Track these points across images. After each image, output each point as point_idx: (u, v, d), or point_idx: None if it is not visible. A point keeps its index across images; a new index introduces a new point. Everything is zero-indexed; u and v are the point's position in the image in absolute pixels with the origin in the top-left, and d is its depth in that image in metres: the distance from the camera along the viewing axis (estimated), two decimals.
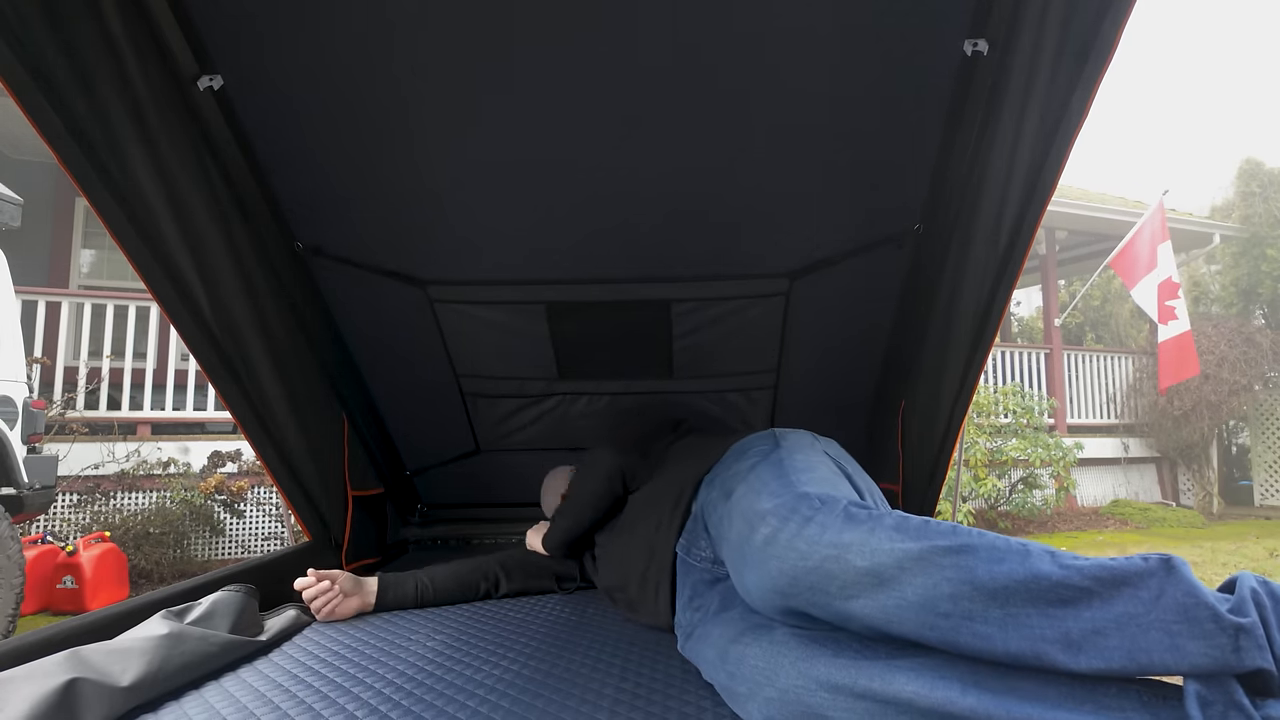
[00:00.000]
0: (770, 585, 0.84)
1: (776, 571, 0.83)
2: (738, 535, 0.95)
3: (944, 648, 0.73)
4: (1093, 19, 1.03)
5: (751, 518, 0.91)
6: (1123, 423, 8.44)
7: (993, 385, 7.22)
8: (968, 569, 0.72)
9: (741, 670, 0.89)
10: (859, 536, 0.79)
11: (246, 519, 4.97)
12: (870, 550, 0.77)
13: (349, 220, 1.58)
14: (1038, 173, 1.23)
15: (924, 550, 0.74)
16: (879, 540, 0.77)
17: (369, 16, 1.17)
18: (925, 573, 0.74)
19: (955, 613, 0.71)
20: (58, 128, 1.07)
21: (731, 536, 0.98)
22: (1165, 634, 0.64)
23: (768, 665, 0.85)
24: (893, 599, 0.74)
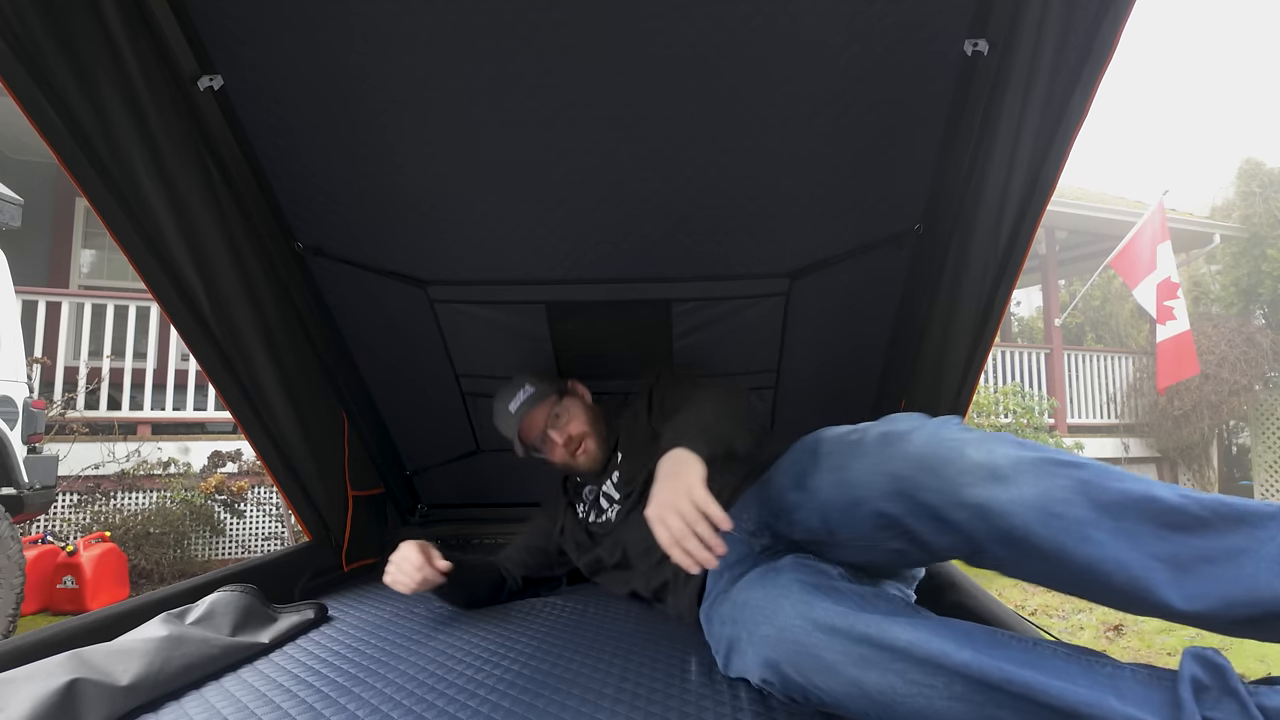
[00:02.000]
0: (888, 469, 0.85)
1: (899, 456, 0.85)
2: (842, 449, 0.95)
3: (1053, 550, 0.73)
4: (1093, 19, 1.04)
5: (865, 433, 0.93)
6: (1123, 423, 8.43)
7: (993, 385, 7.22)
8: (1083, 480, 0.75)
9: (744, 614, 0.93)
10: (977, 437, 0.82)
11: (246, 519, 4.97)
12: (988, 449, 0.80)
13: (349, 220, 1.58)
14: (1038, 172, 1.23)
15: (1040, 459, 0.77)
16: (997, 444, 0.80)
17: (369, 16, 1.17)
18: (1041, 477, 0.76)
19: (1068, 516, 0.73)
20: (58, 128, 1.07)
21: (832, 458, 0.97)
22: (1274, 572, 0.65)
23: (768, 604, 0.89)
24: (1010, 493, 0.76)
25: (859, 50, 1.22)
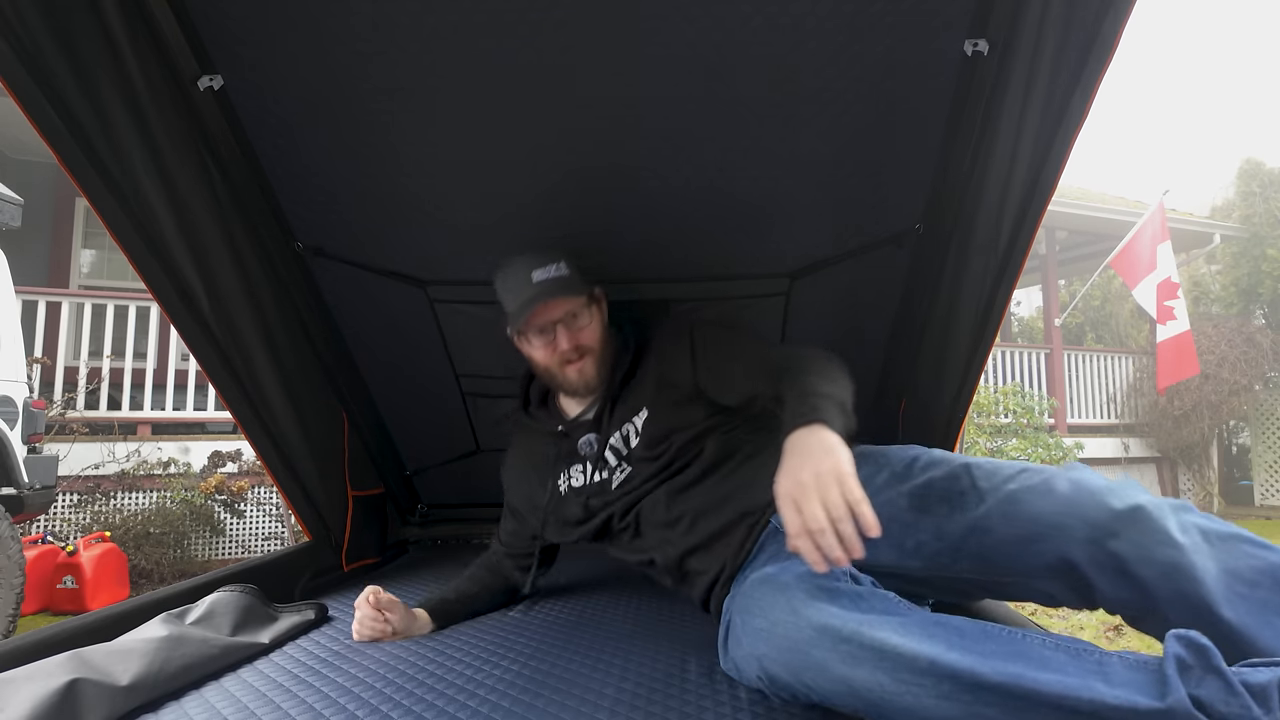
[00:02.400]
0: (1085, 515, 0.85)
1: (1099, 506, 0.85)
2: (1021, 487, 0.93)
3: (1235, 625, 0.75)
4: (1093, 19, 1.03)
5: (1050, 476, 0.92)
6: (1123, 423, 8.43)
7: (993, 385, 7.22)
8: (1273, 564, 0.78)
9: (744, 604, 0.95)
10: (1172, 503, 0.85)
11: (246, 519, 4.97)
12: (1183, 516, 0.83)
13: (349, 220, 1.58)
14: (1038, 173, 1.23)
15: (1232, 534, 0.82)
16: (1190, 513, 0.84)
17: (369, 16, 1.17)
18: (1232, 552, 0.80)
19: (1254, 597, 0.77)
20: (58, 128, 1.07)
21: (1003, 493, 0.94)
22: None
23: (765, 598, 0.90)
24: (1202, 560, 0.79)
25: (859, 50, 1.22)
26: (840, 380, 1.06)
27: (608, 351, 1.35)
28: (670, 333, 1.34)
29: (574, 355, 1.29)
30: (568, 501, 1.37)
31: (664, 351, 1.32)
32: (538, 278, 1.27)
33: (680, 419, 1.26)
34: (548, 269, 1.29)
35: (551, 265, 1.29)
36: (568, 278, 1.30)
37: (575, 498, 1.35)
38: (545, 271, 1.28)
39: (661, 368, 1.31)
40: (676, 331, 1.33)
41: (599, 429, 1.33)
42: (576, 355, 1.30)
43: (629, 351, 1.35)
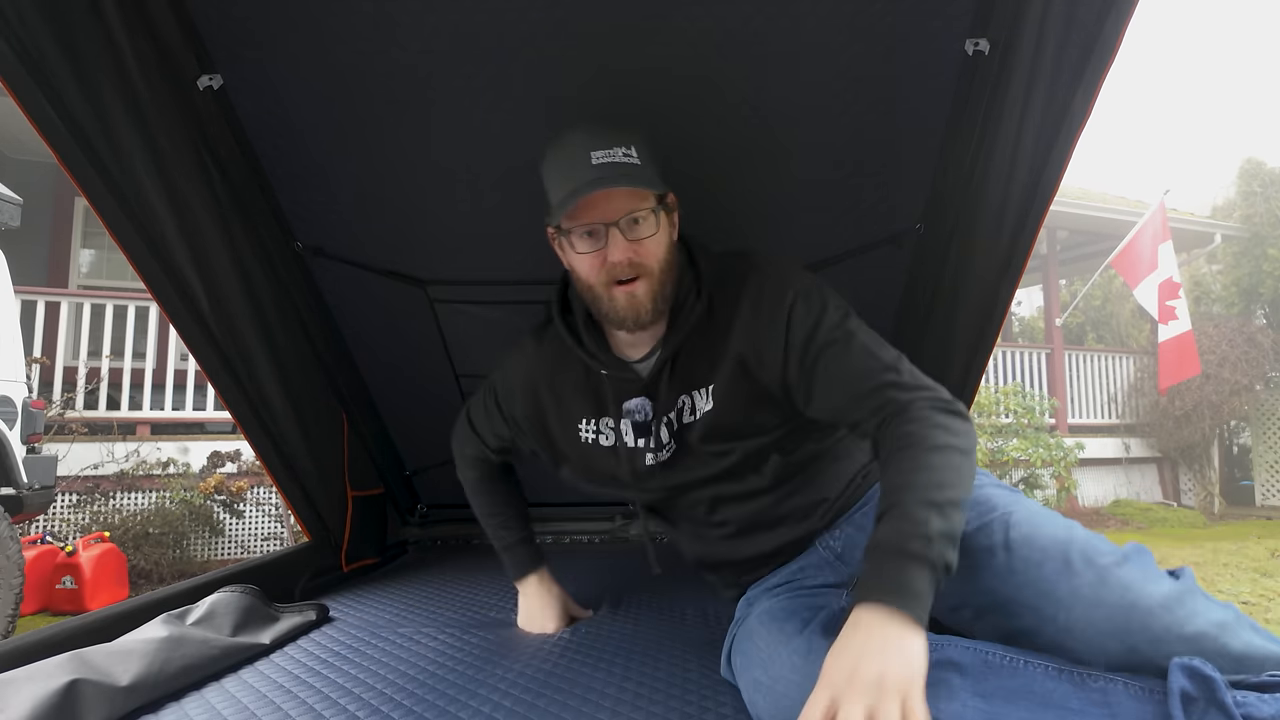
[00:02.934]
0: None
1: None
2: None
3: None
4: (1095, 18, 1.03)
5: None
6: (1124, 423, 8.43)
7: (994, 385, 7.22)
8: None
9: (747, 645, 0.92)
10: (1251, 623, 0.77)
11: (246, 519, 4.97)
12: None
13: (349, 220, 1.58)
14: (1040, 173, 1.22)
15: None
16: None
17: (370, 16, 1.17)
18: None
19: None
20: (58, 128, 1.07)
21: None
22: None
23: (768, 647, 0.86)
24: None
25: (860, 50, 1.22)
26: (960, 486, 0.81)
27: (670, 280, 1.03)
28: (764, 300, 1.01)
29: (627, 272, 0.98)
30: (589, 455, 1.15)
31: (751, 326, 1.01)
32: (598, 159, 0.96)
33: (751, 425, 1.04)
34: (613, 150, 0.96)
35: (619, 147, 0.97)
36: (638, 167, 0.97)
37: (598, 455, 1.14)
38: (610, 153, 0.96)
39: (744, 347, 1.02)
40: (773, 301, 1.00)
41: (654, 393, 1.07)
42: (630, 274, 0.99)
43: (699, 297, 1.04)
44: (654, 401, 1.07)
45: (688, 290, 1.05)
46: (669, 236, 1.04)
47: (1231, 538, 6.27)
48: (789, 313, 0.99)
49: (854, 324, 0.99)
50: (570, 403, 1.14)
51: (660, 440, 1.08)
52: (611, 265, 0.98)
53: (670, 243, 1.04)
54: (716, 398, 1.04)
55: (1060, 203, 7.39)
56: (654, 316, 1.02)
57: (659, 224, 1.01)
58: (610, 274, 0.99)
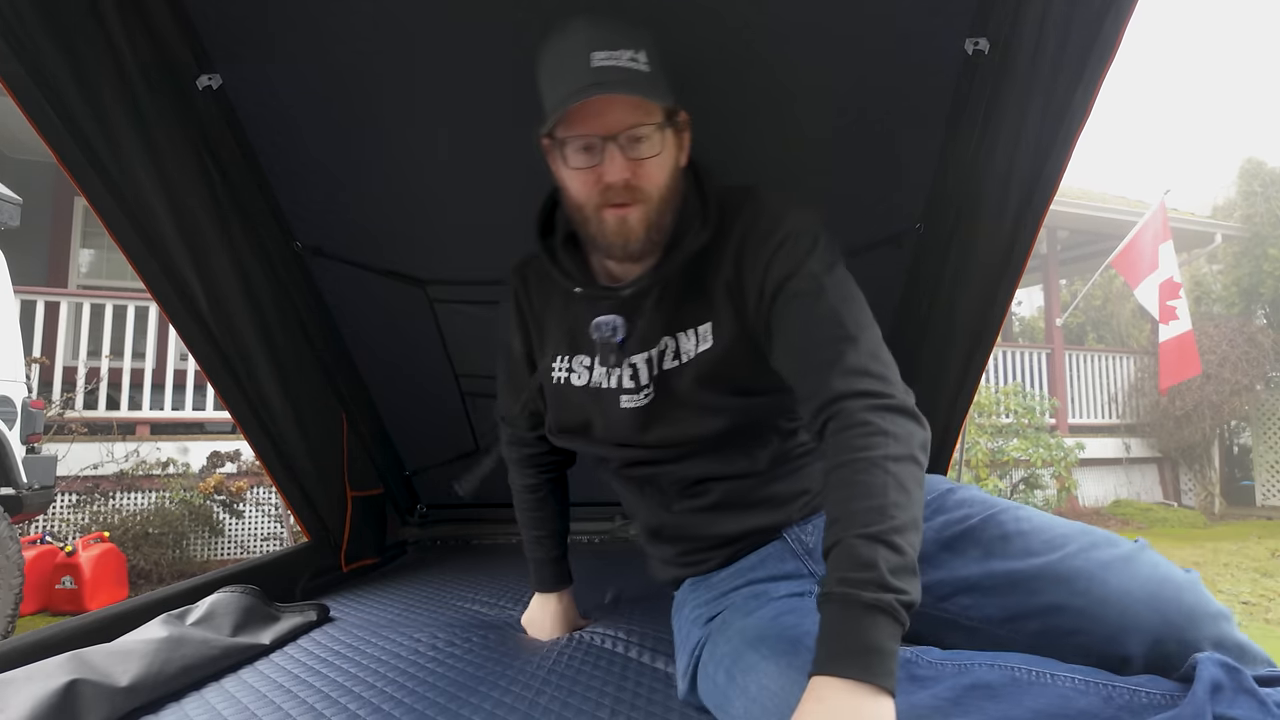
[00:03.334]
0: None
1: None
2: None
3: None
4: (1095, 18, 1.03)
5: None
6: (1124, 423, 8.44)
7: (994, 385, 7.22)
8: None
9: (730, 667, 0.83)
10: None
11: (246, 519, 4.97)
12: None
13: (349, 220, 1.58)
14: (1040, 172, 1.22)
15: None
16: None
17: (369, 16, 1.17)
18: None
19: None
20: (58, 128, 1.07)
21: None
22: None
23: (755, 674, 0.78)
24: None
25: (859, 49, 1.22)
26: (909, 505, 0.72)
27: (670, 210, 0.92)
28: (756, 231, 0.92)
29: (623, 196, 0.88)
30: (563, 398, 1.04)
31: (738, 255, 0.92)
32: (600, 61, 0.83)
33: (750, 374, 0.93)
34: (618, 53, 0.84)
35: (625, 49, 0.84)
36: (645, 75, 0.85)
37: (571, 397, 1.03)
38: (614, 55, 0.84)
39: (729, 275, 0.92)
40: (765, 233, 0.91)
41: (631, 315, 0.96)
42: (625, 198, 0.88)
43: (705, 228, 0.93)
44: (628, 322, 0.95)
45: (690, 220, 0.94)
46: (674, 160, 0.92)
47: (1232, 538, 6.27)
48: (775, 249, 0.89)
49: (832, 279, 0.88)
50: (549, 336, 1.05)
51: (638, 379, 0.96)
52: (606, 186, 0.87)
53: (675, 167, 0.93)
54: (716, 335, 0.93)
55: (1060, 203, 7.40)
56: (645, 247, 0.91)
57: (664, 143, 0.89)
58: (604, 195, 0.88)
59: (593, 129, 0.85)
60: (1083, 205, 7.96)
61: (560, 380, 1.04)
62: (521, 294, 1.10)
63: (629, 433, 1.00)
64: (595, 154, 0.87)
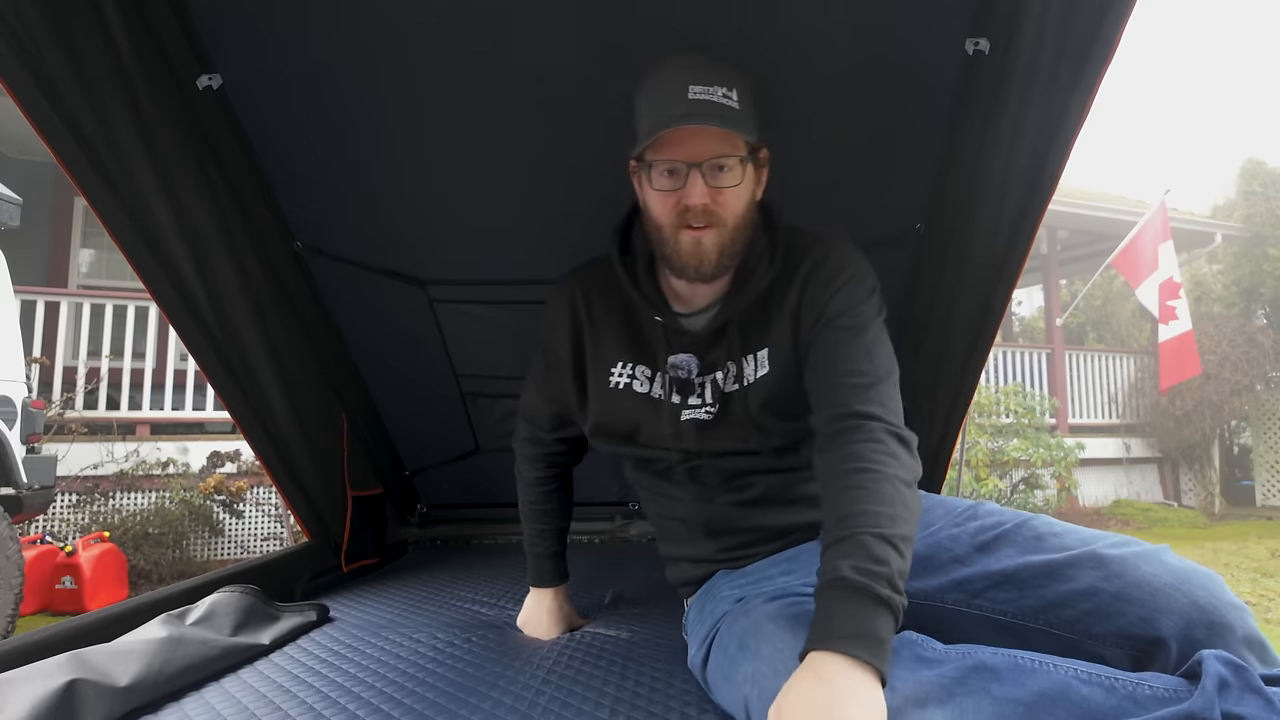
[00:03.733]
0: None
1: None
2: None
3: None
4: (1094, 18, 1.03)
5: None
6: (1124, 423, 8.44)
7: (994, 385, 7.22)
8: None
9: (754, 642, 0.85)
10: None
11: (246, 519, 4.97)
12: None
13: (349, 220, 1.58)
14: (1039, 172, 1.22)
15: None
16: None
17: (369, 16, 1.17)
18: None
19: None
20: (58, 128, 1.07)
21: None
22: None
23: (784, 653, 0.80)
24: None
25: (859, 49, 1.22)
26: (911, 522, 0.80)
27: (742, 238, 0.99)
28: (824, 268, 1.01)
29: (700, 219, 0.95)
30: (616, 401, 1.08)
31: (804, 289, 1.00)
32: (695, 94, 0.91)
33: (801, 394, 0.99)
34: (712, 89, 0.92)
35: (720, 86, 0.92)
36: (735, 111, 0.93)
37: (627, 402, 1.08)
38: (709, 91, 0.92)
39: (794, 304, 1.01)
40: (832, 271, 1.01)
41: (702, 351, 1.04)
42: (703, 221, 0.95)
43: (771, 265, 1.01)
44: (700, 360, 1.04)
45: (759, 256, 1.02)
46: (751, 192, 1.00)
47: (1232, 538, 6.27)
48: (839, 288, 0.99)
49: (875, 324, 0.98)
50: (608, 343, 1.09)
51: (704, 397, 1.05)
52: (686, 209, 0.94)
53: (751, 199, 1.00)
54: (772, 360, 1.01)
55: (1060, 202, 7.40)
56: (716, 270, 0.98)
57: (744, 176, 0.97)
58: (682, 217, 0.95)
59: (679, 155, 0.94)
60: (1083, 205, 7.96)
61: (619, 385, 1.08)
62: (579, 300, 1.12)
63: (686, 440, 1.06)
64: (679, 178, 0.94)
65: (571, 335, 1.12)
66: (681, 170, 0.94)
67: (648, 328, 1.07)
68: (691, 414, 1.05)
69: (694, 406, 1.05)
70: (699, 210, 0.94)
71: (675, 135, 0.92)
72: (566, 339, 1.13)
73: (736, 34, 1.19)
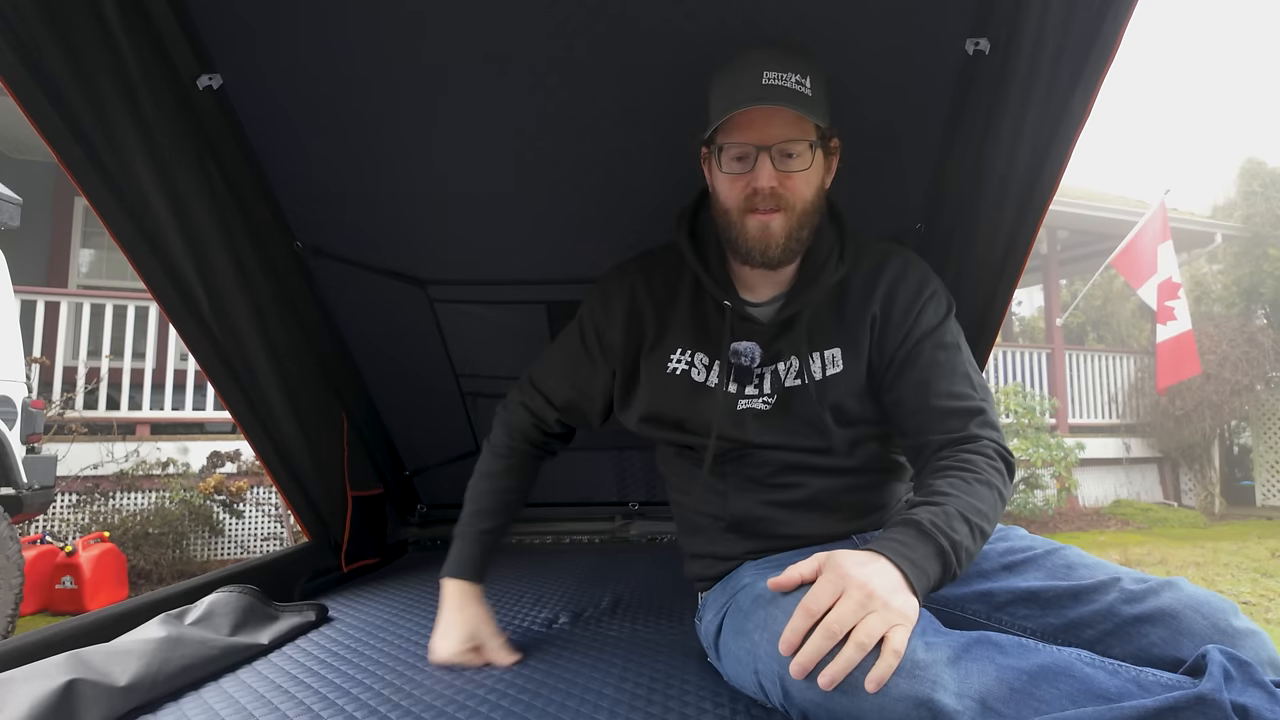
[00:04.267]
0: None
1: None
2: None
3: None
4: (1094, 18, 1.03)
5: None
6: (1124, 423, 8.44)
7: (994, 385, 7.23)
8: None
9: (763, 620, 0.86)
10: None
11: (246, 519, 4.97)
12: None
13: (349, 220, 1.58)
14: (1039, 172, 1.22)
15: None
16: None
17: (368, 17, 1.17)
18: None
19: None
20: (58, 128, 1.07)
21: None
22: None
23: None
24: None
25: (859, 49, 1.22)
26: (993, 523, 0.87)
27: (810, 225, 0.99)
28: (908, 278, 1.03)
29: (769, 203, 0.95)
30: (671, 388, 1.07)
31: (889, 295, 1.02)
32: (769, 80, 0.91)
33: (866, 401, 1.03)
34: (786, 75, 0.92)
35: (793, 73, 0.92)
36: (807, 96, 0.93)
37: (681, 388, 1.06)
38: (782, 77, 0.91)
39: (879, 309, 1.02)
40: (917, 283, 1.03)
41: (766, 340, 1.03)
42: (771, 204, 0.95)
43: (840, 260, 1.02)
44: (764, 350, 1.03)
45: (829, 251, 1.02)
46: (820, 179, 1.00)
47: (1232, 538, 6.27)
48: (926, 301, 1.02)
49: (964, 344, 1.03)
50: (671, 330, 1.08)
51: (761, 388, 1.04)
52: (754, 192, 0.94)
53: (820, 186, 1.00)
54: (847, 360, 1.02)
55: (1061, 202, 7.40)
56: (783, 256, 0.98)
57: (813, 161, 0.96)
58: (750, 201, 0.95)
59: (749, 138, 0.94)
60: (1083, 205, 7.96)
61: (678, 371, 1.07)
62: (641, 287, 1.11)
63: (738, 430, 1.05)
64: (748, 162, 0.95)
65: (627, 322, 1.10)
66: (751, 154, 0.94)
67: (713, 313, 1.06)
68: (748, 403, 1.04)
69: (751, 396, 1.04)
70: (767, 193, 0.94)
71: (746, 118, 0.93)
72: (621, 326, 1.10)
73: (736, 35, 1.19)
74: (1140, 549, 5.60)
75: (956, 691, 0.68)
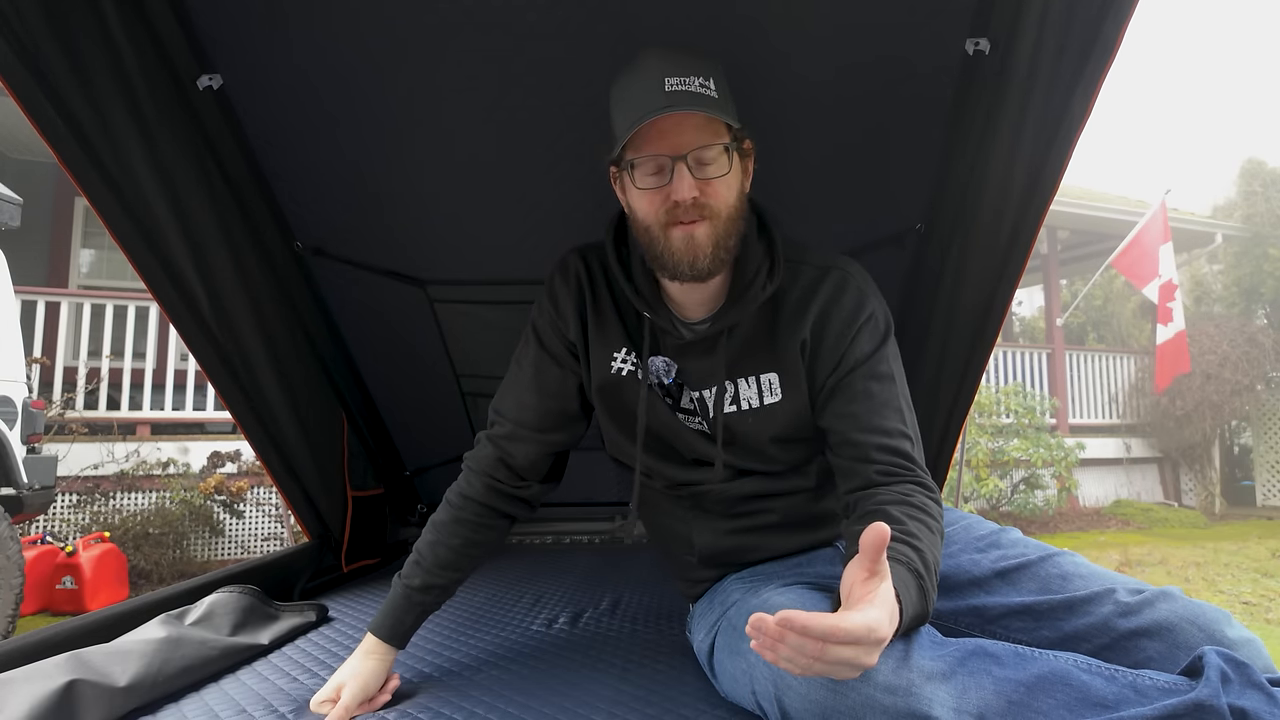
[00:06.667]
0: None
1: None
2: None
3: None
4: (1095, 18, 1.03)
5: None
6: (1125, 423, 8.43)
7: (994, 385, 7.22)
8: None
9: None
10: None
11: (246, 519, 4.97)
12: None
13: (349, 220, 1.58)
14: (1040, 172, 1.22)
15: None
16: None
17: (369, 17, 1.17)
18: None
19: None
20: (58, 128, 1.07)
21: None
22: None
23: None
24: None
25: (860, 49, 1.22)
26: (935, 554, 0.83)
27: (735, 231, 0.93)
28: (842, 303, 0.97)
29: (691, 214, 0.89)
30: (622, 388, 1.03)
31: (819, 321, 0.97)
32: (672, 86, 0.86)
33: (808, 424, 1.00)
34: (689, 79, 0.86)
35: (696, 76, 0.87)
36: (715, 99, 0.88)
37: (631, 389, 1.03)
38: (685, 81, 0.86)
39: (809, 336, 0.97)
40: (851, 309, 0.97)
41: (689, 357, 1.00)
42: (694, 215, 0.89)
43: (772, 277, 0.97)
44: (685, 371, 1.00)
45: (758, 264, 0.97)
46: (740, 182, 0.95)
47: (1232, 538, 6.27)
48: (860, 327, 0.96)
49: (899, 373, 0.98)
50: (609, 326, 1.03)
51: (696, 410, 1.02)
52: (674, 204, 0.88)
53: (741, 190, 0.95)
54: (785, 388, 0.98)
55: (1061, 202, 7.40)
56: (712, 265, 0.91)
57: (731, 165, 0.91)
58: (672, 214, 0.89)
59: (662, 149, 0.88)
60: (1083, 205, 7.95)
61: (622, 372, 1.03)
62: (584, 278, 1.05)
63: (688, 446, 1.04)
64: (664, 174, 0.89)
65: (578, 310, 1.05)
66: (666, 165, 0.88)
67: (640, 324, 1.02)
68: (690, 421, 1.03)
69: (689, 413, 1.03)
70: (689, 204, 0.88)
71: (656, 128, 0.87)
72: (573, 315, 1.05)
73: (737, 35, 1.19)
74: (1140, 549, 5.60)
75: (955, 708, 0.68)
